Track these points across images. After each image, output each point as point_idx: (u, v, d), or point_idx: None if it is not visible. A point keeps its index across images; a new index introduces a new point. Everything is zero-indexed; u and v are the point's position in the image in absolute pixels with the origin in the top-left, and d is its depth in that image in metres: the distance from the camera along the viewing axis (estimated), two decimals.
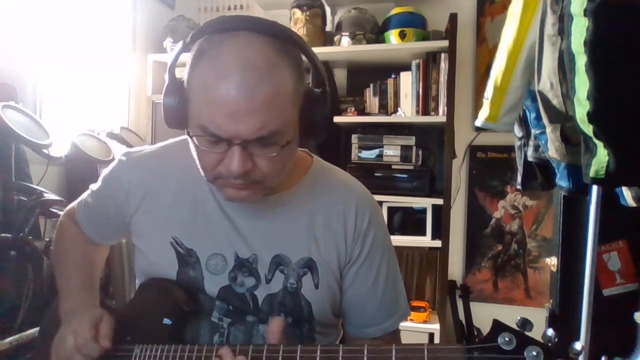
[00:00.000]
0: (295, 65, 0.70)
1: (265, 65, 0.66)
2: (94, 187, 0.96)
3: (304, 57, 0.74)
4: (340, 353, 0.63)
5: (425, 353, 0.58)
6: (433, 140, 2.52)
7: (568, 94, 1.06)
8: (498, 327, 0.56)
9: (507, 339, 0.54)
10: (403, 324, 0.91)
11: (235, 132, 0.67)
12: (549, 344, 0.54)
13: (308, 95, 0.74)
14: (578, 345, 0.52)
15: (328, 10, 2.60)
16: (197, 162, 0.74)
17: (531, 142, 1.42)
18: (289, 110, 0.70)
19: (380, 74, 2.49)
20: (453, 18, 2.24)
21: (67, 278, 0.93)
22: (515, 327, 0.56)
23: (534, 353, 0.53)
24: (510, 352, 0.54)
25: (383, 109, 2.46)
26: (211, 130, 0.68)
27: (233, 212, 0.84)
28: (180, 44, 0.72)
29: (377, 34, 2.43)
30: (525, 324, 0.55)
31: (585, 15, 0.92)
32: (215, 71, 0.66)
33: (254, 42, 0.67)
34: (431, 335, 2.27)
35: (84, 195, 0.98)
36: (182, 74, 0.73)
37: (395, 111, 2.41)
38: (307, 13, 2.45)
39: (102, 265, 1.02)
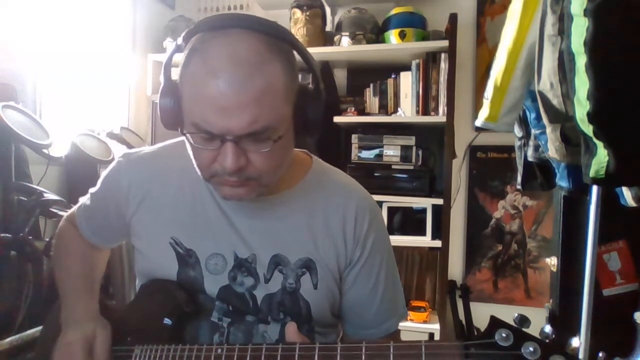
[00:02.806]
0: (287, 61, 0.70)
1: (255, 60, 0.66)
2: (93, 190, 0.96)
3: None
4: (339, 351, 0.63)
5: (423, 350, 0.58)
6: (433, 140, 2.51)
7: (568, 94, 1.06)
8: (495, 323, 0.56)
9: (504, 335, 0.54)
10: (403, 324, 0.91)
11: (226, 128, 0.67)
12: (546, 340, 0.54)
13: (302, 91, 0.74)
14: (575, 342, 0.52)
15: (328, 10, 2.60)
16: (193, 161, 0.75)
17: (531, 142, 1.42)
18: (280, 105, 0.69)
19: (380, 74, 2.49)
20: (453, 18, 2.24)
21: (67, 283, 0.93)
22: (512, 324, 0.56)
23: (531, 349, 0.53)
24: (507, 348, 0.54)
25: (383, 109, 2.46)
26: (203, 127, 0.68)
27: (232, 212, 0.84)
28: (174, 44, 0.73)
29: (377, 34, 2.43)
30: (523, 320, 0.55)
31: (585, 15, 0.92)
32: (206, 68, 0.66)
33: (245, 38, 0.67)
34: (431, 335, 2.26)
35: (83, 199, 0.98)
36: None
37: (395, 111, 2.41)
38: (307, 13, 2.45)
39: (103, 268, 1.02)
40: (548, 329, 0.53)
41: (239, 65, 0.65)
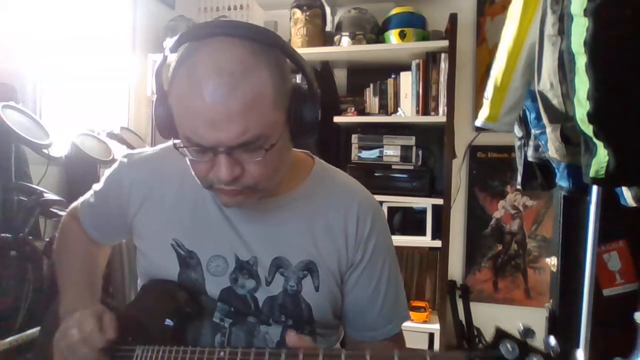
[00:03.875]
0: (274, 66, 0.68)
1: (239, 69, 0.65)
2: (96, 187, 0.96)
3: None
4: (343, 357, 0.62)
5: (428, 359, 0.58)
6: (433, 140, 2.51)
7: (568, 94, 1.06)
8: (500, 334, 0.56)
9: (509, 346, 0.54)
10: (403, 324, 0.91)
11: (216, 140, 0.66)
12: (551, 353, 0.54)
13: (295, 93, 0.72)
14: (579, 354, 0.52)
15: (328, 10, 2.60)
16: (191, 170, 0.74)
17: (531, 142, 1.42)
18: (270, 112, 0.68)
19: (380, 74, 2.49)
20: (453, 18, 2.24)
21: (69, 277, 0.93)
22: (517, 334, 0.56)
23: None
24: None
25: (383, 109, 2.46)
26: (195, 141, 0.68)
27: (233, 215, 0.83)
28: (161, 55, 0.73)
29: (377, 34, 2.43)
30: (528, 332, 0.55)
31: (585, 15, 0.92)
32: (190, 81, 0.66)
33: (228, 47, 0.66)
34: (431, 335, 2.27)
35: (87, 195, 0.98)
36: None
37: (395, 111, 2.41)
38: (307, 13, 2.45)
39: (104, 264, 1.02)
40: (552, 341, 0.53)
41: (223, 76, 0.64)
